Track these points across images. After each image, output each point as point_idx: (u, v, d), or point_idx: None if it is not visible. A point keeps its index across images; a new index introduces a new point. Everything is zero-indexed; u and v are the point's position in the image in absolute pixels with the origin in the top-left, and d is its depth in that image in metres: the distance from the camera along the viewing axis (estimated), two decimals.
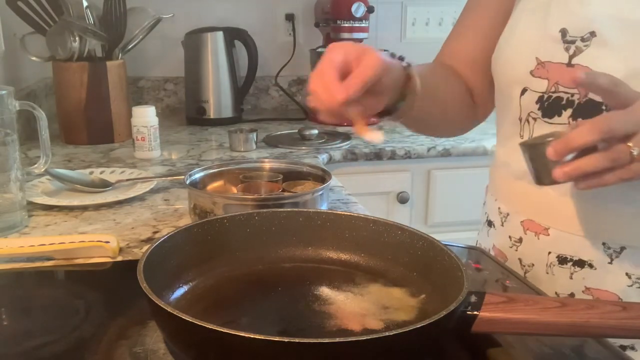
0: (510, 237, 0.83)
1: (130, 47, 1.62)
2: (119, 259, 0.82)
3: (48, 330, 0.63)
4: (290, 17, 2.04)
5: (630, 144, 0.58)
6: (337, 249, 0.71)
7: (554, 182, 0.62)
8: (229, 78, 1.81)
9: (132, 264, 0.56)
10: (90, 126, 1.53)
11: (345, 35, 1.84)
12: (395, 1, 2.12)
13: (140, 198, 1.07)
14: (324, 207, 0.92)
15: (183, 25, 1.85)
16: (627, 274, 0.73)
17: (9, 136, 0.88)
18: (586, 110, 0.70)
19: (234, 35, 1.82)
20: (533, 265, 0.80)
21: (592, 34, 0.69)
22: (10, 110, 0.89)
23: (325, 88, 0.65)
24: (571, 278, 0.76)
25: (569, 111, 0.72)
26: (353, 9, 1.79)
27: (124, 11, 1.55)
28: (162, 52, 2.00)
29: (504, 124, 0.85)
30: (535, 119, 0.77)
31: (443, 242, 0.64)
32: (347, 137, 1.66)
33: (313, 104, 0.67)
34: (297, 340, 0.49)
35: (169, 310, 0.49)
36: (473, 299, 0.54)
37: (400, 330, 0.47)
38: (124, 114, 1.56)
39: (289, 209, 0.75)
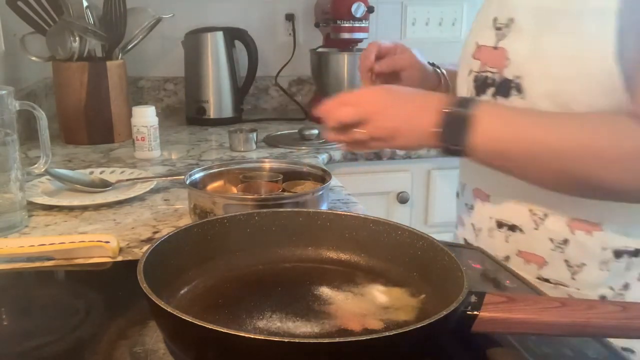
0: (466, 204, 0.93)
1: (130, 47, 1.62)
2: (119, 259, 0.82)
3: (48, 330, 0.63)
4: (290, 17, 2.04)
5: (361, 130, 0.77)
6: (337, 249, 0.71)
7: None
8: (229, 78, 1.81)
9: (132, 264, 0.56)
10: (90, 126, 1.52)
11: (346, 35, 1.84)
12: (395, 1, 2.12)
13: (140, 198, 1.07)
14: (324, 207, 0.92)
15: (183, 25, 1.84)
16: (550, 239, 0.80)
17: (9, 136, 0.88)
18: (502, 88, 0.80)
19: (234, 35, 1.82)
20: (481, 229, 0.89)
21: (511, 20, 0.79)
22: (10, 110, 0.89)
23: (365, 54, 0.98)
24: (507, 241, 0.84)
25: (492, 89, 0.81)
26: (353, 9, 1.79)
27: (124, 11, 1.55)
28: (162, 52, 2.00)
29: None
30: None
31: (443, 242, 0.64)
32: None
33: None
34: (297, 340, 0.49)
35: (169, 310, 0.49)
36: (473, 299, 0.54)
37: (400, 330, 0.47)
38: (124, 114, 1.56)
39: (289, 209, 0.75)
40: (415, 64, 0.99)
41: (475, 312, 0.53)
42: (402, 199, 1.62)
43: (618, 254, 0.76)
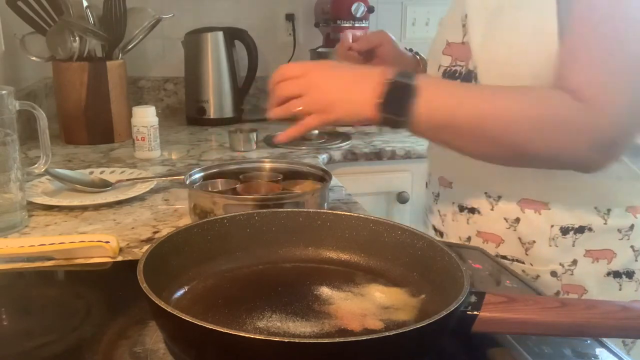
0: (432, 193, 0.98)
1: (130, 47, 1.62)
2: (119, 259, 0.82)
3: (48, 330, 0.63)
4: (290, 17, 2.04)
5: (299, 106, 0.78)
6: (337, 249, 0.71)
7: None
8: (229, 78, 1.81)
9: (132, 264, 0.56)
10: (90, 126, 1.52)
11: None
12: (395, 1, 2.12)
13: (140, 198, 1.07)
14: (324, 207, 0.92)
15: (183, 25, 1.84)
16: (505, 218, 0.85)
17: (9, 136, 0.88)
18: (466, 79, 0.84)
19: (234, 35, 1.82)
20: (446, 215, 0.95)
21: (466, 16, 0.84)
22: (10, 110, 0.89)
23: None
24: (468, 223, 0.90)
25: (457, 81, 0.85)
26: (353, 9, 1.79)
27: (124, 11, 1.55)
28: (162, 52, 2.00)
29: None
30: None
31: (443, 242, 0.64)
32: (347, 137, 1.66)
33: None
34: (297, 340, 0.49)
35: (169, 310, 0.49)
36: (473, 299, 0.54)
37: (400, 330, 0.47)
38: (124, 114, 1.56)
39: (289, 209, 0.75)
40: (389, 41, 1.08)
41: (475, 312, 0.53)
42: (402, 199, 1.62)
43: (564, 230, 0.82)
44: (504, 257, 0.86)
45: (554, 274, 0.83)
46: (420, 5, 2.12)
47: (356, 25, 1.82)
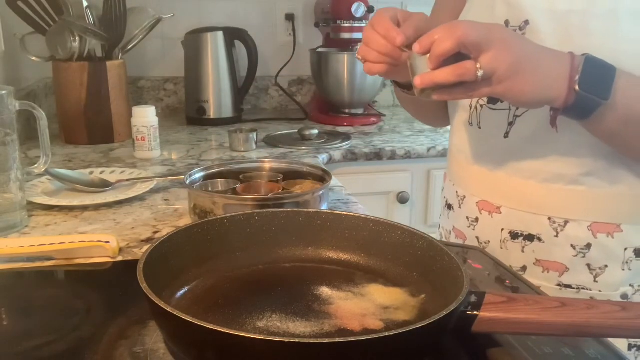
0: (467, 217, 0.89)
1: (130, 47, 1.62)
2: (119, 259, 0.82)
3: (48, 330, 0.63)
4: (290, 17, 2.04)
5: (478, 65, 0.63)
6: (337, 249, 0.71)
7: (420, 92, 0.66)
8: (229, 78, 1.81)
9: (132, 264, 0.56)
10: (90, 126, 1.52)
11: (345, 35, 1.84)
12: (395, 1, 2.11)
13: (140, 198, 1.07)
14: (324, 207, 0.92)
15: (183, 25, 1.85)
16: (572, 245, 0.79)
17: (9, 136, 0.88)
18: None
19: (234, 35, 1.82)
20: (489, 242, 0.87)
21: (527, 22, 0.76)
22: (10, 110, 0.89)
23: (385, 33, 0.70)
24: (523, 252, 0.83)
25: None
26: (353, 9, 1.79)
27: (124, 11, 1.55)
28: (162, 52, 2.00)
29: (455, 112, 0.90)
30: (482, 106, 0.83)
31: (443, 242, 0.64)
32: (347, 137, 1.66)
33: (363, 53, 0.73)
34: (297, 340, 0.49)
35: (169, 310, 0.49)
36: (473, 299, 0.53)
37: (400, 330, 0.47)
38: (124, 114, 1.56)
39: (289, 209, 0.75)
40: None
41: (475, 312, 0.52)
42: (402, 199, 1.62)
43: (638, 252, 0.78)
44: (568, 286, 0.81)
45: (624, 296, 0.80)
46: (420, 5, 2.11)
47: (356, 25, 1.82)
